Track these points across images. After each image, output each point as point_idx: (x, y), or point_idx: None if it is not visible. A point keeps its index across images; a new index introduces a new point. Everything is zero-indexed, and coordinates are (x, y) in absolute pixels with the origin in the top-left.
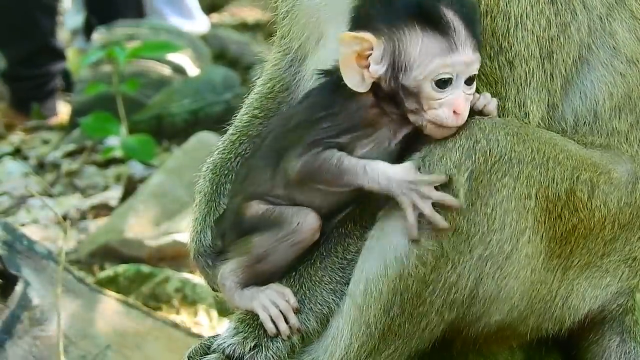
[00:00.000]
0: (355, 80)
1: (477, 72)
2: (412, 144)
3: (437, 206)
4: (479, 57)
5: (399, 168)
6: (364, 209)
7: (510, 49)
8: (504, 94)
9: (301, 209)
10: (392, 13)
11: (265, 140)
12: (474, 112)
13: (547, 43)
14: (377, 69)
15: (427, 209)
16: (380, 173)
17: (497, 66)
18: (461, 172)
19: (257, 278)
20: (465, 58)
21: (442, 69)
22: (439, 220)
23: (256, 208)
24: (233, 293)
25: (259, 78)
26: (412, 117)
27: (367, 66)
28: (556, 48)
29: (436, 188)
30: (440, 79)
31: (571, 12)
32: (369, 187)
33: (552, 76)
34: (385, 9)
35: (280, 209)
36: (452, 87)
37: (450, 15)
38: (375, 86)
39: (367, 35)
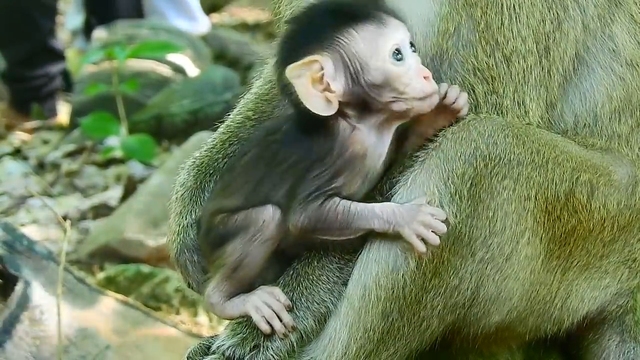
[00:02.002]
0: (321, 105)
1: (410, 35)
2: (397, 158)
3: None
4: (401, 19)
5: (408, 207)
6: None
7: (507, 43)
8: (502, 91)
9: (263, 207)
10: (319, 29)
11: (244, 158)
12: (445, 106)
13: (544, 38)
14: (337, 84)
15: (433, 239)
16: (389, 213)
17: (494, 63)
18: (464, 181)
19: (240, 286)
20: (394, 25)
21: (389, 42)
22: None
23: (223, 218)
24: (223, 306)
25: (257, 79)
26: (395, 107)
27: (326, 88)
28: (552, 44)
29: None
30: (394, 52)
31: (564, 8)
32: (380, 230)
33: (550, 73)
34: (310, 30)
35: (244, 213)
36: (405, 56)
37: (362, 4)
38: (346, 105)
39: (312, 57)
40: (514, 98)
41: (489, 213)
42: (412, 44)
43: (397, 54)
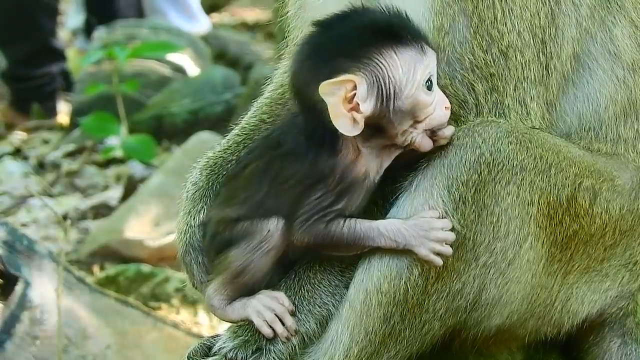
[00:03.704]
0: (348, 125)
1: None
2: (391, 170)
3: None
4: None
5: (412, 222)
6: (364, 213)
7: (502, 38)
8: (502, 89)
9: (269, 217)
10: (359, 46)
11: (248, 168)
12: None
13: (539, 32)
14: (367, 106)
15: (446, 250)
16: (395, 232)
17: (491, 59)
18: (468, 187)
19: (242, 291)
20: (431, 53)
21: (425, 72)
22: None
23: (228, 226)
24: (224, 310)
25: (269, 84)
26: (400, 139)
27: (354, 108)
28: (548, 39)
29: None
30: (426, 82)
31: (557, 3)
32: (387, 247)
33: (548, 70)
34: (350, 46)
35: (250, 221)
36: (434, 85)
37: (401, 27)
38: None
39: (347, 76)
40: (514, 96)
41: (493, 218)
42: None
43: (429, 84)
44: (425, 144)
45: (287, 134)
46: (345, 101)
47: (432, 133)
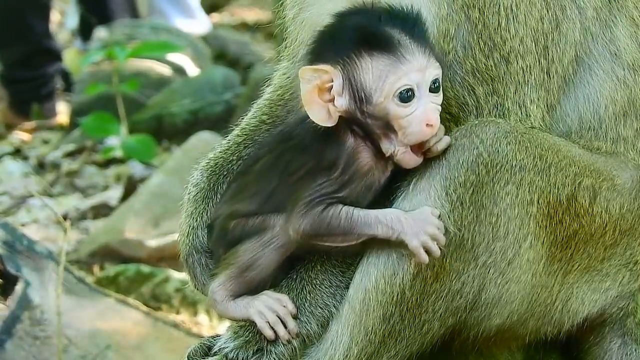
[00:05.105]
0: (321, 115)
1: (439, 77)
2: (397, 173)
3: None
4: (436, 63)
5: (416, 216)
6: None
7: (504, 44)
8: (502, 92)
9: (280, 213)
10: (340, 43)
11: (258, 163)
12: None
13: (542, 38)
14: (341, 101)
15: (436, 251)
16: (393, 219)
17: (492, 63)
18: (466, 188)
19: (247, 287)
20: (417, 64)
21: (398, 83)
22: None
23: (240, 221)
24: (226, 305)
25: (267, 85)
26: (384, 146)
27: (331, 100)
28: (551, 44)
29: None
30: (401, 93)
31: (562, 9)
32: (383, 236)
33: (549, 74)
34: (334, 40)
35: (261, 217)
36: (417, 98)
37: (392, 32)
38: (350, 122)
39: (325, 67)
40: (514, 99)
41: (492, 218)
42: (437, 87)
43: (406, 97)
44: (407, 160)
45: (299, 125)
46: (323, 91)
47: (420, 148)
